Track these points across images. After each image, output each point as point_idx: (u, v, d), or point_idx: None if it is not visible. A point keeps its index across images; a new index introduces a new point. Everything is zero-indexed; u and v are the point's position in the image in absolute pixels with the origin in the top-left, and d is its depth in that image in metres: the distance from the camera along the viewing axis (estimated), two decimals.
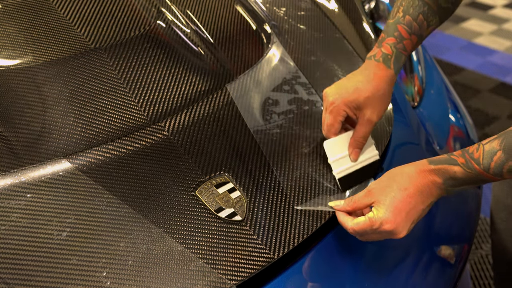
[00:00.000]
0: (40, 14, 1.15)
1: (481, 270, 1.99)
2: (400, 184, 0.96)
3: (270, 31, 1.32)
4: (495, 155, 0.91)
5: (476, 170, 0.93)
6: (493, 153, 0.92)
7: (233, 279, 0.89)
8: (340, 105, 1.08)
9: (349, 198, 1.00)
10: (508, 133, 0.92)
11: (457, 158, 0.95)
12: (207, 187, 0.99)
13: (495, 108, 2.89)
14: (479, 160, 0.93)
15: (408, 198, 0.95)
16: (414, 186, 0.96)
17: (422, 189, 0.96)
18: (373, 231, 0.95)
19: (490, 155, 0.92)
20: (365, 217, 0.95)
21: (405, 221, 0.95)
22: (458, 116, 1.55)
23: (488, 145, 0.93)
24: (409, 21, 1.09)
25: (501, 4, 4.03)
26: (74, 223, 0.89)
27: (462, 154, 0.94)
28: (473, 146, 0.94)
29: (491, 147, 0.92)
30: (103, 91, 1.06)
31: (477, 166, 0.93)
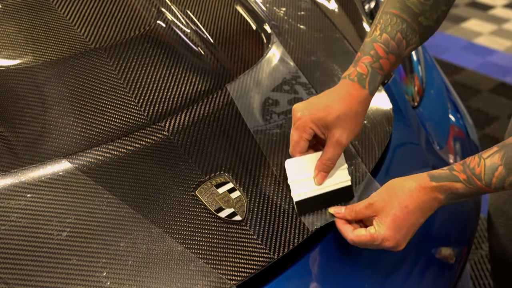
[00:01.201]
0: (40, 14, 1.15)
1: (481, 270, 1.99)
2: (401, 201, 0.96)
3: (270, 31, 1.32)
4: (496, 171, 0.92)
5: (478, 186, 0.94)
6: (494, 169, 0.92)
7: (233, 279, 0.89)
8: (306, 121, 1.01)
9: (350, 206, 1.01)
10: (508, 147, 0.92)
11: (458, 175, 0.95)
12: (207, 187, 0.99)
13: (495, 108, 2.89)
14: (480, 176, 0.93)
15: (408, 215, 0.96)
16: (415, 203, 0.96)
17: (423, 205, 0.97)
18: (374, 246, 0.98)
19: (491, 170, 0.92)
20: (366, 231, 0.97)
21: (405, 236, 0.98)
22: (458, 116, 1.55)
23: (489, 160, 0.93)
24: (386, 40, 1.03)
25: (501, 4, 4.03)
26: (74, 223, 0.89)
27: (464, 170, 0.95)
28: (474, 160, 0.94)
29: (492, 162, 0.92)
30: (103, 91, 1.06)
31: (478, 182, 0.93)
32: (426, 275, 1.14)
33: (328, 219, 1.02)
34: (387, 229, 0.96)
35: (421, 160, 1.29)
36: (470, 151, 1.49)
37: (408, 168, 1.25)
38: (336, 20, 1.44)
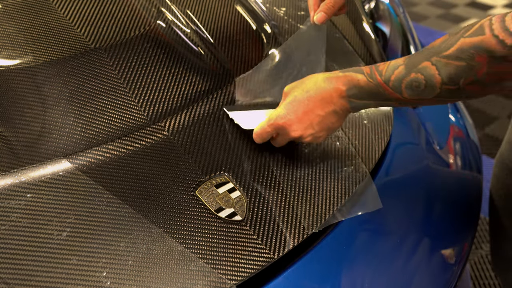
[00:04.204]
0: (40, 14, 1.15)
1: (481, 270, 1.99)
2: (305, 86, 1.01)
3: (270, 31, 1.32)
4: (397, 69, 0.94)
5: (377, 80, 0.95)
6: (395, 67, 0.94)
7: (233, 279, 0.89)
8: None
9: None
10: (415, 53, 0.95)
11: (364, 69, 0.98)
12: (207, 187, 0.99)
13: (495, 108, 2.89)
14: (382, 72, 0.95)
15: (307, 99, 1.00)
16: (316, 89, 1.00)
17: (323, 95, 0.99)
18: (270, 127, 1.02)
19: (393, 68, 0.94)
20: None
21: (301, 121, 1.01)
22: (458, 116, 1.55)
23: (395, 61, 0.96)
24: None
25: (501, 4, 4.03)
26: (74, 223, 0.89)
27: (370, 67, 0.98)
28: (383, 62, 0.98)
29: (396, 62, 0.95)
30: (103, 91, 1.06)
31: (378, 77, 0.95)
32: (426, 275, 1.14)
33: (329, 220, 1.02)
34: (283, 107, 1.02)
35: (421, 160, 1.29)
36: (470, 151, 1.49)
37: (408, 168, 1.25)
38: (336, 20, 1.44)
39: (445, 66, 0.89)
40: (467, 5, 4.01)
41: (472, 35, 0.87)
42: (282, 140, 1.05)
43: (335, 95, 0.99)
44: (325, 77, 1.00)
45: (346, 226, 1.05)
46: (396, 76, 0.93)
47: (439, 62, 0.89)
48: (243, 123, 1.09)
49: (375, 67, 0.97)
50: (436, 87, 0.91)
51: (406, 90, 0.93)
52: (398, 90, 0.94)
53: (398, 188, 1.19)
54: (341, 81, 0.99)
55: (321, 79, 1.00)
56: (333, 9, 1.14)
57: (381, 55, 1.44)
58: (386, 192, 1.12)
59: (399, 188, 1.19)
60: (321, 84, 1.00)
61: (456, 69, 0.88)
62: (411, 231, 1.16)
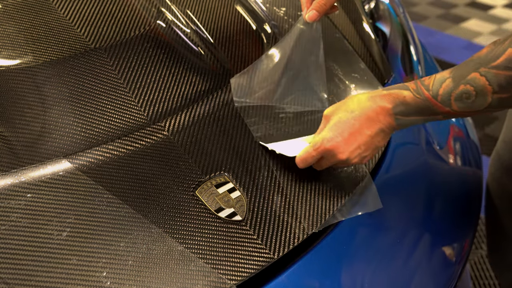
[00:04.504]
0: (40, 14, 1.15)
1: (481, 270, 1.99)
2: (348, 107, 0.98)
3: (270, 31, 1.32)
4: (444, 82, 0.93)
5: (425, 95, 0.94)
6: (442, 81, 0.93)
7: (233, 279, 0.89)
8: None
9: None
10: (461, 65, 0.93)
11: (409, 85, 0.96)
12: (207, 187, 0.99)
13: None
14: (429, 87, 0.94)
15: (352, 120, 0.97)
16: (361, 109, 0.97)
17: (369, 114, 0.97)
18: (316, 151, 0.99)
19: (439, 82, 0.93)
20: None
21: (348, 142, 0.97)
22: None
23: (440, 74, 0.94)
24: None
25: (501, 4, 4.03)
26: (74, 223, 0.89)
27: (415, 82, 0.96)
28: (428, 77, 0.96)
29: (441, 75, 0.94)
30: (103, 91, 1.06)
31: (426, 92, 0.94)
32: (426, 275, 1.14)
33: (329, 220, 1.02)
34: (328, 130, 0.98)
35: (421, 160, 1.29)
36: (470, 151, 1.49)
37: (408, 168, 1.25)
38: (336, 20, 1.44)
39: (495, 77, 0.89)
40: (467, 5, 4.01)
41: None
42: (327, 163, 1.02)
43: (381, 113, 0.97)
44: (369, 96, 0.98)
45: (346, 226, 1.05)
46: (444, 90, 0.92)
47: (489, 72, 0.89)
48: (286, 152, 1.05)
49: (421, 82, 0.95)
50: (487, 97, 0.90)
51: (455, 103, 0.92)
52: (447, 103, 0.93)
53: (398, 188, 1.19)
54: (386, 99, 0.97)
55: (365, 98, 0.98)
56: (325, 7, 1.13)
57: (381, 55, 1.44)
58: (386, 192, 1.12)
59: (399, 188, 1.19)
60: (365, 103, 0.98)
61: (506, 79, 0.88)
62: (411, 231, 1.16)
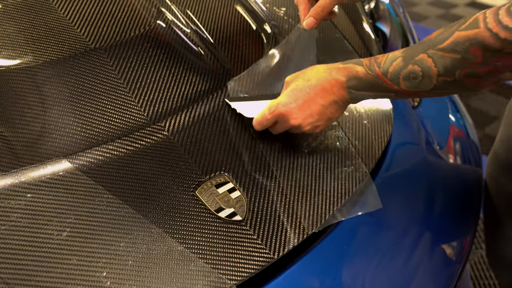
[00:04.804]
0: (40, 14, 1.15)
1: (481, 270, 1.99)
2: (306, 76, 1.03)
3: (270, 31, 1.32)
4: (395, 61, 0.95)
5: (376, 72, 0.97)
6: (393, 59, 0.96)
7: (233, 279, 0.89)
8: None
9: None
10: (413, 46, 0.96)
11: (363, 60, 1.00)
12: (207, 187, 0.99)
13: (495, 108, 2.89)
14: (380, 64, 0.97)
15: (308, 88, 1.02)
16: (317, 79, 1.02)
17: (324, 84, 1.01)
18: (271, 115, 1.04)
19: (391, 60, 0.96)
20: None
21: (301, 109, 1.02)
22: (458, 116, 1.56)
23: (393, 53, 0.97)
24: None
25: (501, 4, 4.03)
26: (74, 223, 0.89)
27: (369, 59, 1.00)
28: (382, 54, 0.99)
29: (394, 54, 0.97)
30: (103, 91, 1.06)
31: (377, 69, 0.97)
32: (426, 275, 1.14)
33: (329, 220, 1.02)
34: (284, 95, 1.04)
35: (421, 160, 1.29)
36: (470, 151, 1.49)
37: (408, 168, 1.25)
38: (336, 20, 1.44)
39: (441, 58, 0.90)
40: (467, 5, 4.01)
41: (466, 28, 0.89)
42: (281, 127, 1.07)
43: (335, 85, 1.01)
44: (326, 67, 1.02)
45: (346, 226, 1.05)
46: (394, 68, 0.95)
47: (435, 54, 0.91)
48: (245, 112, 1.10)
49: (374, 59, 0.98)
50: (433, 79, 0.92)
51: (404, 82, 0.95)
52: (396, 82, 0.95)
53: (398, 188, 1.19)
54: (341, 72, 1.01)
55: (323, 69, 1.02)
56: (322, 14, 1.15)
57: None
58: (386, 192, 1.12)
59: (399, 188, 1.19)
60: (322, 74, 1.02)
61: (452, 61, 0.89)
62: (411, 231, 1.16)
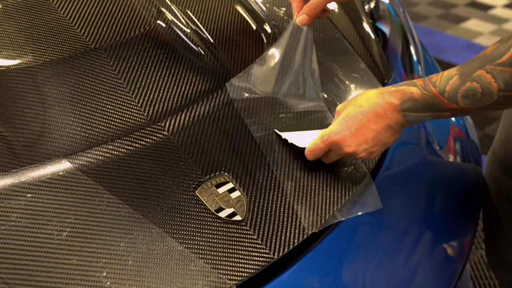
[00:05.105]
0: (40, 14, 1.15)
1: (481, 270, 2.00)
2: (357, 102, 1.01)
3: (270, 31, 1.32)
4: (451, 79, 0.94)
5: (432, 92, 0.96)
6: (449, 78, 0.95)
7: (233, 279, 0.89)
8: None
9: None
10: (467, 62, 0.95)
11: (417, 81, 0.98)
12: (207, 187, 0.99)
13: None
14: (436, 83, 0.96)
15: (360, 115, 1.00)
16: (369, 105, 1.00)
17: (377, 109, 0.99)
18: (323, 143, 1.02)
19: (447, 79, 0.95)
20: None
21: (354, 136, 1.00)
22: (458, 116, 1.55)
23: (447, 71, 0.96)
24: None
25: (501, 4, 4.03)
26: (74, 223, 0.89)
27: (423, 79, 0.98)
28: (436, 74, 0.98)
29: (449, 72, 0.96)
30: (103, 91, 1.06)
31: (433, 89, 0.96)
32: (427, 275, 1.14)
33: (329, 220, 1.02)
34: (336, 124, 1.01)
35: (421, 160, 1.29)
36: (470, 151, 1.49)
37: (408, 168, 1.25)
38: (336, 20, 1.44)
39: (500, 74, 0.90)
40: (467, 5, 4.01)
41: None
42: (334, 156, 1.04)
43: (389, 110, 0.99)
44: (378, 92, 1.00)
45: (346, 226, 1.05)
46: (451, 86, 0.94)
47: (494, 70, 0.90)
48: (297, 142, 1.08)
49: (428, 79, 0.97)
50: (493, 95, 0.91)
51: (462, 100, 0.94)
52: (454, 100, 0.94)
53: (398, 188, 1.19)
54: (394, 95, 0.99)
55: (374, 94, 1.00)
56: (315, 11, 1.14)
57: (381, 55, 1.44)
58: (386, 192, 1.12)
59: (399, 188, 1.19)
60: (374, 99, 1.00)
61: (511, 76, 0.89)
62: (411, 231, 1.17)
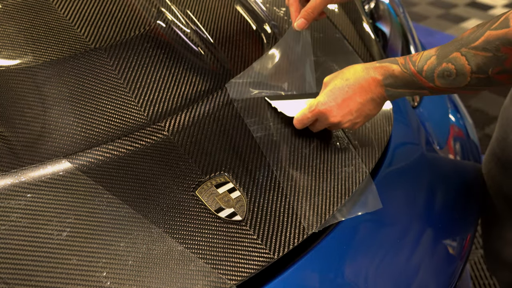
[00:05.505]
0: (40, 14, 1.15)
1: (481, 270, 2.00)
2: (344, 75, 1.07)
3: (270, 31, 1.32)
4: (429, 59, 0.99)
5: (411, 70, 1.01)
6: (428, 58, 0.99)
7: (233, 279, 0.89)
8: None
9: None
10: (446, 44, 0.99)
11: (399, 59, 1.04)
12: (207, 187, 0.99)
13: (495, 108, 2.89)
14: (415, 62, 1.01)
15: (346, 87, 1.05)
16: (355, 78, 1.05)
17: (362, 83, 1.05)
18: (311, 113, 1.08)
19: (425, 58, 1.00)
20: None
21: (340, 107, 1.06)
22: (458, 116, 1.56)
23: (427, 51, 1.01)
24: None
25: (501, 4, 4.03)
26: (74, 223, 0.89)
27: (404, 57, 1.03)
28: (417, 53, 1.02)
29: (428, 52, 1.00)
30: (103, 91, 1.06)
31: (412, 67, 1.01)
32: (427, 275, 1.14)
33: (329, 220, 1.02)
34: (323, 95, 1.07)
35: (421, 160, 1.29)
36: (470, 151, 1.49)
37: (408, 168, 1.25)
38: (336, 20, 1.44)
39: (473, 57, 0.94)
40: (467, 5, 4.01)
41: (497, 27, 0.91)
42: (320, 125, 1.11)
43: (372, 84, 1.05)
44: (363, 67, 1.06)
45: (346, 226, 1.05)
46: (428, 66, 0.99)
47: (468, 53, 0.94)
48: (285, 111, 1.13)
49: (409, 58, 1.02)
50: (466, 76, 0.95)
51: (438, 79, 0.98)
52: (431, 79, 0.99)
53: (398, 188, 1.19)
54: (378, 71, 1.04)
55: (360, 68, 1.06)
56: (313, 15, 1.18)
57: (381, 55, 1.44)
58: (386, 192, 1.12)
59: (399, 188, 1.20)
60: (360, 73, 1.05)
61: (484, 60, 0.93)
62: (411, 231, 1.17)
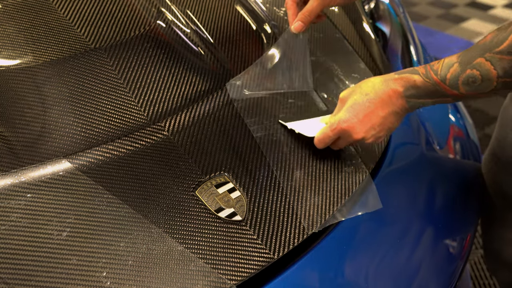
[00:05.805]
0: (40, 14, 1.15)
1: (481, 270, 2.00)
2: (363, 90, 1.04)
3: (270, 31, 1.32)
4: (452, 67, 0.97)
5: (434, 79, 0.99)
6: (450, 65, 0.98)
7: (233, 279, 0.89)
8: None
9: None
10: (468, 50, 0.98)
11: (419, 69, 1.01)
12: (207, 187, 0.99)
13: (495, 108, 2.89)
14: (437, 71, 0.99)
15: (367, 102, 1.03)
16: (375, 92, 1.03)
17: (383, 96, 1.03)
18: (333, 132, 1.05)
19: (447, 66, 0.98)
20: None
21: (362, 123, 1.03)
22: (458, 116, 1.55)
23: (448, 59, 0.99)
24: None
25: (501, 4, 4.03)
26: (74, 223, 0.89)
27: (425, 67, 1.01)
28: (437, 62, 1.00)
29: (449, 59, 0.98)
30: (103, 91, 1.06)
31: (435, 76, 0.99)
32: (427, 275, 1.14)
33: (329, 220, 1.02)
34: (344, 111, 1.04)
35: (421, 160, 1.29)
36: (470, 151, 1.49)
37: (408, 168, 1.25)
38: (336, 20, 1.44)
39: (499, 61, 0.93)
40: (467, 5, 4.01)
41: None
42: (343, 143, 1.08)
43: (393, 96, 1.03)
44: (382, 79, 1.04)
45: (346, 226, 1.05)
46: (452, 74, 0.97)
47: (493, 58, 0.93)
48: (304, 132, 1.10)
49: (430, 67, 1.00)
50: (493, 81, 0.94)
51: (463, 86, 0.97)
52: (455, 87, 0.98)
53: (398, 188, 1.19)
54: (398, 83, 1.02)
55: (379, 82, 1.04)
56: (310, 18, 1.18)
57: (381, 55, 1.44)
58: (386, 192, 1.12)
59: (399, 188, 1.19)
60: (379, 86, 1.03)
61: (510, 63, 0.92)
62: (411, 231, 1.17)
